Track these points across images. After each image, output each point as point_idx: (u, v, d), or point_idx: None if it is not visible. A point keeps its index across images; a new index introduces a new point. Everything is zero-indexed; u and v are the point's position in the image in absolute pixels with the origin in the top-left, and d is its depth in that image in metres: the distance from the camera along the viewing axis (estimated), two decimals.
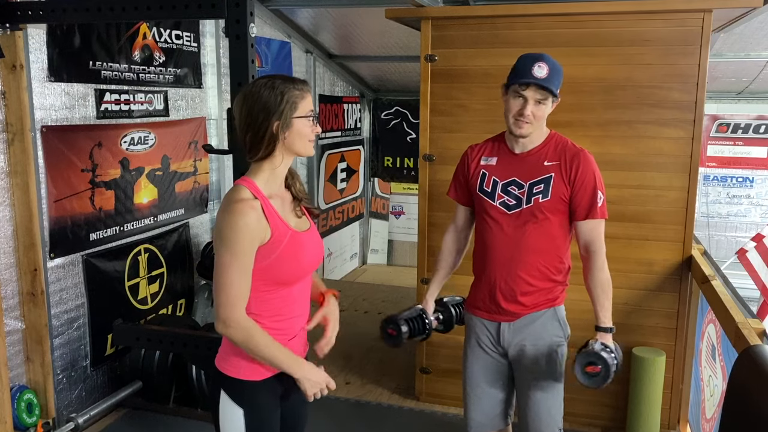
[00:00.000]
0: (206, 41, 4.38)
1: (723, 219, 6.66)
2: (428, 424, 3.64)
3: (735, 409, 1.63)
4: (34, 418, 3.17)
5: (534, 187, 2.27)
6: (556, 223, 2.29)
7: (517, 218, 2.29)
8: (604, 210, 2.30)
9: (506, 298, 2.33)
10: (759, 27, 4.47)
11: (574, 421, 2.46)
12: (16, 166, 3.05)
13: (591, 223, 2.28)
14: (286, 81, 1.84)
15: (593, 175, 2.27)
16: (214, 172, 4.58)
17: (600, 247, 2.30)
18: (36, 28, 3.11)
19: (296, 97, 1.82)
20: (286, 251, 1.80)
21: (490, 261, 2.34)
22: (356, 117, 6.90)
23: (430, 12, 3.58)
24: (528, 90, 2.20)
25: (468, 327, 2.48)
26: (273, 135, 1.80)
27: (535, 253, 2.29)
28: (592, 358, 2.20)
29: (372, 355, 4.57)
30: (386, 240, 7.37)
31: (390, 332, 2.46)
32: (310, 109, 1.86)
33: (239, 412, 1.87)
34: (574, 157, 2.26)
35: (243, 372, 1.86)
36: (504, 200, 2.31)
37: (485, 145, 2.43)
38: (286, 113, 1.80)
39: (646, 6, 3.22)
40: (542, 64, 2.19)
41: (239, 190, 1.80)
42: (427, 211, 3.67)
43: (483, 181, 2.36)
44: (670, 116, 3.26)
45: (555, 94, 2.21)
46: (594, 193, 2.26)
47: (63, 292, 3.40)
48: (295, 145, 1.85)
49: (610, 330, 2.30)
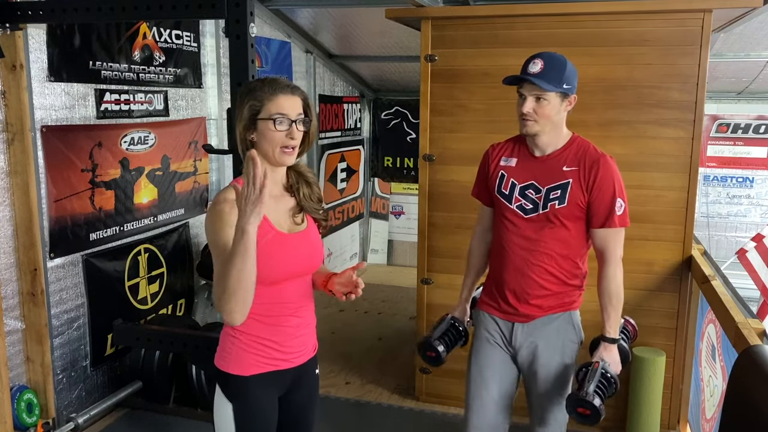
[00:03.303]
0: (206, 41, 4.38)
1: (723, 219, 6.66)
2: (428, 424, 3.64)
3: (735, 409, 1.63)
4: (34, 418, 3.17)
5: (551, 193, 2.23)
6: (573, 229, 2.25)
7: (534, 222, 2.26)
8: (624, 218, 2.25)
9: (519, 299, 2.30)
10: (759, 27, 4.47)
11: (574, 421, 2.46)
12: (16, 166, 3.05)
13: (605, 232, 2.24)
14: (264, 82, 1.80)
15: (612, 182, 2.22)
16: (214, 172, 4.58)
17: (612, 256, 2.26)
18: (36, 28, 3.10)
19: (260, 99, 1.76)
20: (264, 250, 1.76)
21: (505, 262, 2.32)
22: (356, 117, 6.90)
23: (430, 12, 3.58)
24: (524, 87, 2.19)
25: (478, 324, 2.45)
26: (241, 137, 1.79)
27: (550, 257, 2.26)
28: (583, 404, 2.19)
29: (372, 355, 4.57)
30: (386, 240, 7.36)
31: (429, 355, 2.44)
32: (279, 112, 1.76)
33: (229, 407, 1.87)
34: (594, 163, 2.21)
35: (232, 367, 1.87)
36: (521, 204, 2.28)
37: (507, 145, 2.39)
38: (245, 114, 1.77)
39: (646, 6, 3.22)
40: (537, 60, 2.16)
41: (225, 191, 1.80)
42: (427, 211, 3.67)
43: (501, 182, 2.32)
44: (670, 116, 3.26)
45: (553, 88, 2.15)
46: (612, 201, 2.21)
47: (63, 292, 3.39)
48: (262, 149, 1.78)
49: (615, 341, 2.29)
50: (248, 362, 1.86)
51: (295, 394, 1.98)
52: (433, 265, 3.71)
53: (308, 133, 1.86)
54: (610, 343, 2.29)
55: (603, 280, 2.29)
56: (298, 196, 1.90)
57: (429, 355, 2.44)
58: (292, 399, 1.98)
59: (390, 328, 5.14)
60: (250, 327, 1.85)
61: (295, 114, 1.80)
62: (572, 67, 2.21)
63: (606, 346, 2.29)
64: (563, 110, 2.23)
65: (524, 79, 2.16)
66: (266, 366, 1.88)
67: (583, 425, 2.28)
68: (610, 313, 2.28)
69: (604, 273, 2.28)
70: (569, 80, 2.19)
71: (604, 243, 2.26)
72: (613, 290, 2.28)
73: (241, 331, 1.86)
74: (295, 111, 1.80)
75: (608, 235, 2.25)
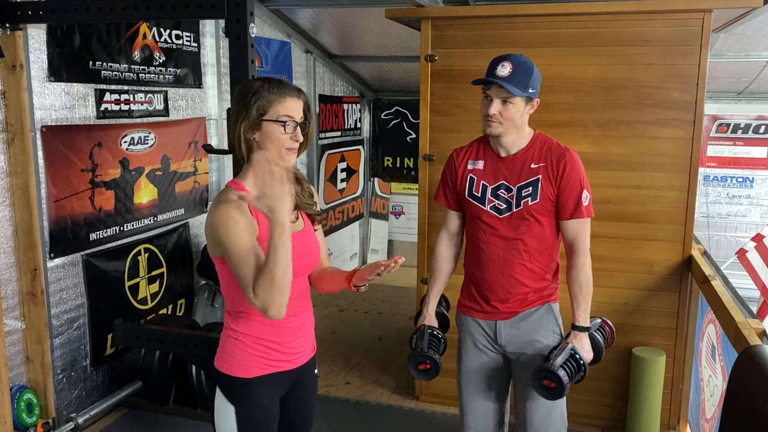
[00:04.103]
0: (206, 41, 4.38)
1: (723, 219, 6.66)
2: (428, 424, 3.64)
3: (735, 409, 1.63)
4: (34, 418, 3.17)
5: (522, 191, 2.27)
6: (546, 224, 2.30)
7: (509, 222, 2.29)
8: (590, 209, 2.31)
9: (502, 300, 2.33)
10: (759, 27, 4.47)
11: (574, 421, 2.46)
12: (16, 166, 3.05)
13: (575, 223, 2.29)
14: (267, 83, 1.81)
15: (579, 174, 2.27)
16: (214, 172, 4.58)
17: (582, 245, 2.30)
18: (36, 28, 3.10)
19: (269, 100, 1.78)
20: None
21: (485, 264, 2.34)
22: (356, 117, 6.90)
23: (430, 12, 3.58)
24: (491, 89, 2.22)
25: (461, 329, 2.46)
26: (241, 136, 1.79)
27: (528, 254, 2.30)
28: (548, 375, 2.21)
29: (372, 355, 4.57)
30: (386, 240, 7.36)
31: (424, 368, 2.38)
32: (286, 114, 1.79)
33: (231, 410, 1.87)
34: (560, 157, 2.26)
35: (235, 369, 1.86)
36: (494, 204, 2.31)
37: (471, 148, 2.42)
38: (252, 114, 1.78)
39: (646, 6, 3.22)
40: (506, 63, 2.19)
41: (225, 192, 1.80)
42: (427, 211, 3.67)
43: (472, 186, 2.35)
44: (670, 116, 3.26)
45: (521, 93, 2.18)
46: (580, 193, 2.26)
47: (63, 292, 3.40)
48: (267, 150, 1.79)
49: (585, 330, 2.31)
50: (252, 364, 1.86)
51: (295, 395, 1.98)
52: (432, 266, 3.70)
53: (306, 134, 1.87)
54: (580, 332, 2.30)
55: (573, 270, 2.31)
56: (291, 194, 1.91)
57: (423, 368, 2.38)
58: (291, 399, 1.98)
59: (390, 328, 5.14)
60: (252, 328, 1.85)
61: (300, 117, 1.83)
62: (538, 72, 2.26)
63: (576, 335, 2.30)
64: (526, 113, 2.27)
65: (493, 81, 2.19)
66: (270, 368, 1.87)
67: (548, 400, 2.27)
68: (580, 302, 2.31)
69: (574, 263, 2.31)
70: (534, 85, 2.24)
71: (574, 233, 2.30)
72: (584, 279, 2.30)
73: (244, 333, 1.85)
74: (299, 114, 1.83)
75: (578, 226, 2.29)
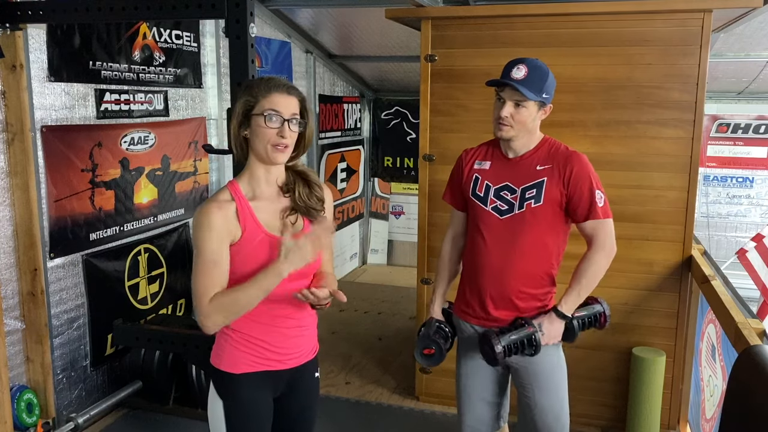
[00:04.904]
0: (206, 41, 4.38)
1: (723, 219, 6.66)
2: (428, 424, 3.64)
3: (735, 409, 1.63)
4: (34, 418, 3.17)
5: (526, 192, 2.25)
6: (548, 228, 2.26)
7: (510, 223, 2.26)
8: (607, 210, 2.25)
9: (497, 305, 2.29)
10: (759, 27, 4.47)
11: (574, 421, 2.46)
12: (16, 166, 3.05)
13: (592, 224, 2.24)
14: (261, 79, 1.80)
15: (588, 175, 2.23)
16: (214, 172, 4.58)
17: (600, 243, 2.24)
18: (36, 28, 3.10)
19: (255, 95, 1.76)
20: (253, 253, 1.77)
21: (482, 267, 2.31)
22: (356, 117, 6.90)
23: (430, 12, 3.58)
24: (505, 92, 2.20)
25: (459, 331, 2.46)
26: (237, 134, 1.80)
27: (526, 259, 2.26)
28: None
29: (372, 355, 4.57)
30: (386, 240, 7.36)
31: (428, 353, 2.38)
32: (271, 108, 1.75)
33: (220, 404, 1.88)
34: (567, 159, 2.23)
35: (223, 364, 1.88)
36: (496, 205, 2.28)
37: (480, 149, 2.41)
38: (241, 110, 1.78)
39: (646, 6, 3.22)
40: (521, 66, 2.17)
41: (220, 192, 1.83)
42: (427, 211, 3.67)
43: (476, 185, 2.34)
44: (670, 116, 3.26)
45: (534, 97, 2.17)
46: (591, 193, 2.22)
47: (63, 292, 3.40)
48: (255, 146, 1.79)
49: (563, 318, 2.25)
50: (240, 360, 1.86)
51: (293, 397, 1.98)
52: (433, 265, 3.69)
53: (303, 135, 1.85)
54: (558, 317, 2.25)
55: (583, 261, 2.27)
56: (293, 197, 1.87)
57: (428, 353, 2.38)
58: (290, 402, 1.98)
59: (390, 328, 5.14)
60: (244, 326, 1.85)
61: (289, 113, 1.78)
62: (553, 77, 2.24)
63: (552, 318, 2.24)
64: (538, 118, 2.25)
65: (508, 84, 2.17)
66: (257, 365, 1.87)
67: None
68: (574, 290, 2.25)
69: (587, 255, 2.27)
70: (548, 90, 2.22)
71: (591, 233, 2.26)
72: (589, 272, 2.25)
73: (235, 329, 1.86)
74: (289, 110, 1.79)
75: (596, 227, 2.24)
